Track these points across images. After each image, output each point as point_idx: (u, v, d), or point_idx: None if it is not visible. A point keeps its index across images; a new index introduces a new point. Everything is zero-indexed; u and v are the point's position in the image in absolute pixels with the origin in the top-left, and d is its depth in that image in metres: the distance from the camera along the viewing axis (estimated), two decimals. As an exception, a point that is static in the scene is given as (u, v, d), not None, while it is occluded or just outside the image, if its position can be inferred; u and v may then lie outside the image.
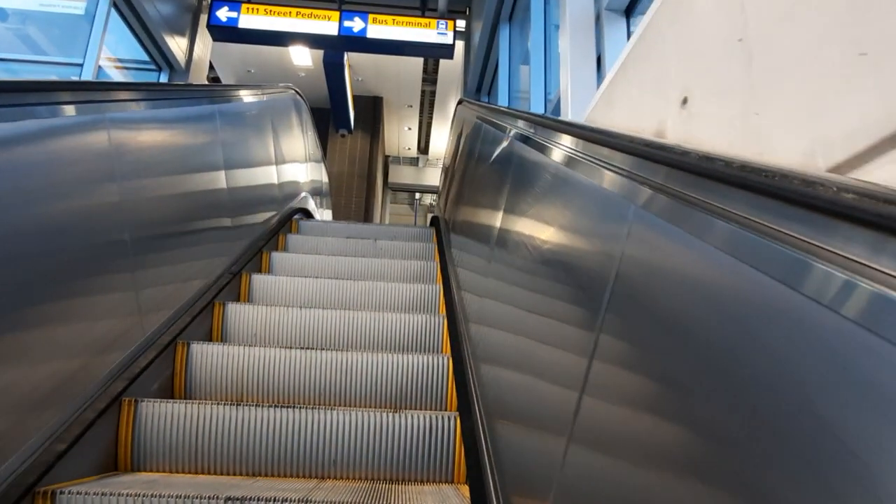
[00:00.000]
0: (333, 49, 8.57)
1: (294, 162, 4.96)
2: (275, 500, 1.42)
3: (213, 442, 1.79)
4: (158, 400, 1.82)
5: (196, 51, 7.84)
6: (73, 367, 1.57)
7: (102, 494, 1.41)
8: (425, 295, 3.01)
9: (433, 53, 8.12)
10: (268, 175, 3.82)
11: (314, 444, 1.80)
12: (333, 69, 9.25)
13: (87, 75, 5.85)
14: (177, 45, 7.37)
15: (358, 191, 11.88)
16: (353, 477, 1.80)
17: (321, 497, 1.47)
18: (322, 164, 7.12)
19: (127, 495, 1.41)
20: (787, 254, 0.52)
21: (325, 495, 1.49)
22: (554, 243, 1.30)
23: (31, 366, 1.38)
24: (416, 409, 2.15)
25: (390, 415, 1.84)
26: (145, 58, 7.32)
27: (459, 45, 8.33)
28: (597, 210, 1.11)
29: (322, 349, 2.20)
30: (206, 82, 9.16)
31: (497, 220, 1.97)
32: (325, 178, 7.56)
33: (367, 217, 11.80)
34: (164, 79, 7.53)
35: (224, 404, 1.83)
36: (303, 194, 5.12)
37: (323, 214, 7.18)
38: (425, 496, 1.59)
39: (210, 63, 11.48)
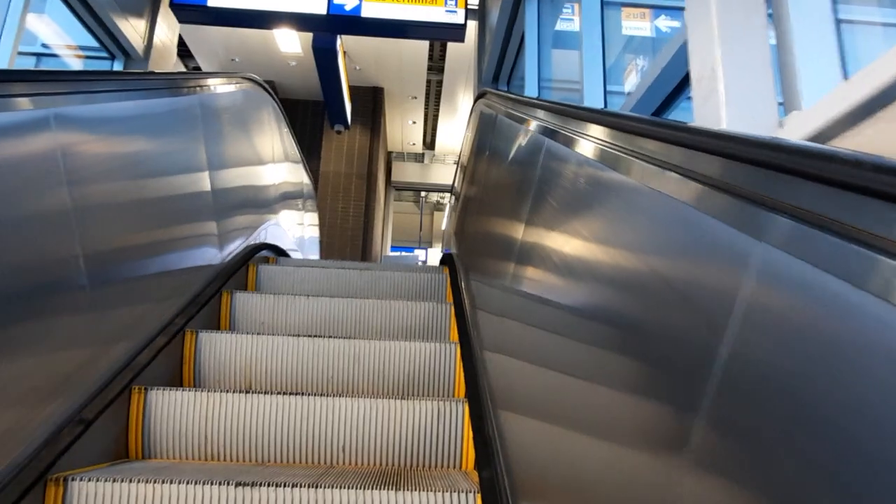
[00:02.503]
0: (323, 32, 7.24)
1: (254, 177, 3.67)
2: (285, 486, 1.39)
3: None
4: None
5: (158, 34, 6.54)
6: None
7: (113, 481, 1.36)
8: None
9: (441, 35, 6.85)
10: (193, 208, 2.52)
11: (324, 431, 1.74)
12: (325, 56, 7.91)
13: (3, 65, 4.59)
14: (132, 27, 6.08)
15: (357, 193, 10.59)
16: (362, 463, 1.76)
17: (331, 483, 1.43)
18: (300, 165, 5.86)
19: (138, 481, 1.36)
20: None
21: (335, 481, 1.45)
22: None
23: None
24: None
25: (399, 402, 1.78)
26: (94, 43, 6.04)
27: (472, 26, 7.01)
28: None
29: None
30: (167, 71, 7.82)
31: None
32: (307, 179, 6.30)
33: (367, 220, 10.52)
34: (118, 68, 6.25)
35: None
36: (270, 222, 3.83)
37: (304, 219, 5.96)
38: (434, 482, 1.52)
39: (191, 52, 10.22)
